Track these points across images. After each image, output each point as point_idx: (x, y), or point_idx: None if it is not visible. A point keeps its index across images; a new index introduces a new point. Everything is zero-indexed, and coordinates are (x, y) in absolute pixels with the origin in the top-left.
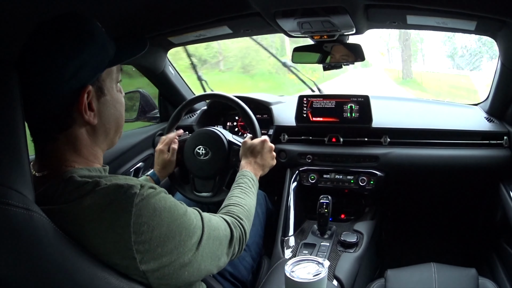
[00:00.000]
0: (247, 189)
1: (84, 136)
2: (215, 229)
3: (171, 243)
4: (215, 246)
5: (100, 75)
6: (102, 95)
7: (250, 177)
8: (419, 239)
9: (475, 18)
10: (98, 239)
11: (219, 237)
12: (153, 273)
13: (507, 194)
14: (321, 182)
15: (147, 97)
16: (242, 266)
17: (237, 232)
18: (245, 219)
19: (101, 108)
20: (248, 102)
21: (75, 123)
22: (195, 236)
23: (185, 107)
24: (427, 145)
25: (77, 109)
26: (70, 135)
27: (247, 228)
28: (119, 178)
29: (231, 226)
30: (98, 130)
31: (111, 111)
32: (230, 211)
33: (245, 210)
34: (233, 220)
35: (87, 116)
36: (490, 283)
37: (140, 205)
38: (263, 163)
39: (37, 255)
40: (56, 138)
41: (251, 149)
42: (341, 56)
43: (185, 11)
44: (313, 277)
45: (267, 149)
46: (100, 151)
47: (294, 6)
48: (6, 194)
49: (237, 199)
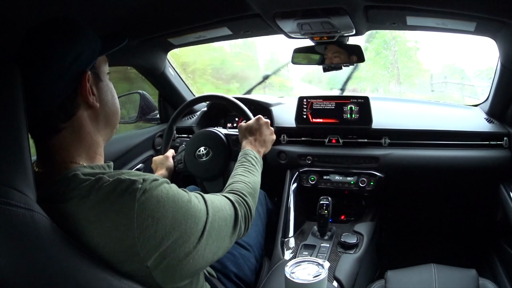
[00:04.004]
0: (250, 167)
1: (87, 121)
2: (219, 209)
3: (176, 233)
4: (221, 227)
5: (95, 62)
6: (99, 81)
7: (252, 155)
8: (419, 240)
9: (474, 19)
10: (102, 237)
11: (224, 217)
12: (157, 267)
13: (507, 195)
14: (321, 183)
15: (147, 99)
16: (247, 267)
17: (242, 209)
18: (249, 196)
19: (100, 93)
20: (248, 104)
21: (79, 109)
22: (200, 221)
23: (174, 122)
24: (427, 146)
25: (81, 94)
26: (75, 122)
27: (252, 205)
28: (122, 173)
29: (235, 204)
30: (99, 115)
31: (108, 97)
32: (233, 189)
33: (249, 187)
34: (236, 198)
35: (91, 99)
36: (491, 283)
37: (142, 199)
38: (264, 139)
39: (38, 256)
40: (61, 129)
41: (249, 129)
42: (340, 57)
43: (185, 12)
44: (313, 278)
45: (263, 124)
46: (101, 141)
47: (294, 7)
48: (8, 194)
49: (240, 177)
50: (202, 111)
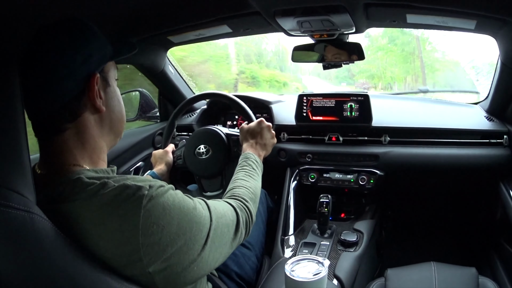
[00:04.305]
0: (251, 171)
1: (92, 124)
2: (222, 215)
3: (181, 240)
4: (223, 233)
5: (104, 66)
6: (107, 85)
7: (253, 159)
8: (419, 238)
9: (475, 17)
10: (104, 240)
11: (226, 223)
12: (160, 273)
13: (507, 193)
14: (321, 181)
15: (147, 96)
16: (248, 266)
17: (243, 215)
18: (250, 201)
19: (107, 98)
20: (248, 101)
21: (86, 111)
22: (205, 228)
23: (175, 118)
24: (427, 144)
25: (88, 96)
26: (79, 124)
27: (253, 210)
28: (127, 178)
29: (237, 210)
30: (104, 120)
31: (115, 102)
32: (234, 194)
33: (250, 192)
34: (238, 203)
35: (98, 101)
36: (490, 282)
37: (148, 206)
38: (264, 143)
39: (38, 258)
40: (65, 129)
41: (250, 132)
42: (340, 55)
43: (185, 10)
44: (313, 276)
45: (265, 128)
46: (104, 146)
47: (294, 5)
48: (7, 196)
49: (241, 181)
50: (202, 109)
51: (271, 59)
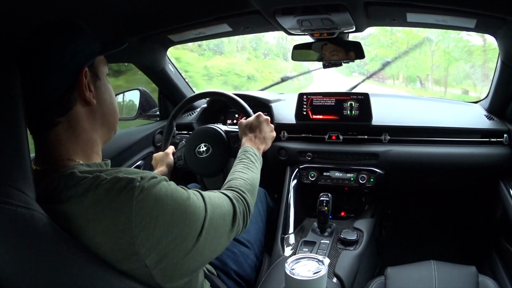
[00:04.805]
0: (249, 164)
1: (84, 118)
2: (217, 206)
3: (175, 231)
4: (219, 224)
5: (94, 61)
6: (97, 79)
7: (251, 152)
8: (419, 236)
9: (475, 16)
10: (100, 236)
11: (222, 214)
12: (156, 266)
13: (507, 192)
14: (321, 180)
15: (147, 95)
16: (247, 264)
17: (240, 206)
18: (247, 192)
19: (97, 91)
20: (248, 100)
21: (76, 104)
22: (199, 219)
23: (174, 118)
24: (427, 143)
25: (78, 89)
26: (71, 117)
27: (250, 201)
28: (120, 171)
29: (233, 201)
30: (96, 113)
31: (106, 96)
32: (231, 185)
33: (247, 184)
34: (234, 194)
35: (88, 94)
36: (490, 280)
37: (140, 198)
38: (264, 136)
39: (38, 255)
40: (57, 123)
41: (248, 126)
42: (338, 55)
43: (185, 8)
44: (313, 274)
45: (263, 121)
46: (98, 140)
47: (294, 4)
48: (8, 193)
49: (239, 173)
50: (202, 107)
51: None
